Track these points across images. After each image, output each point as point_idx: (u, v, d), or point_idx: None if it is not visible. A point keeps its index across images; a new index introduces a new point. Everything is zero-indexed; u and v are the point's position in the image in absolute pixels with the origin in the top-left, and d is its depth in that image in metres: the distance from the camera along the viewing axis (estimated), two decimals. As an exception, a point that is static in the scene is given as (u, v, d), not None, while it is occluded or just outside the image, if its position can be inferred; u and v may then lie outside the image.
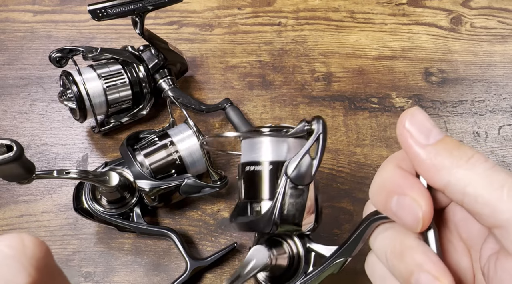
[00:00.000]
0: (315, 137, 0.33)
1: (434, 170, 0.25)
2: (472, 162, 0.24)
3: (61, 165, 0.58)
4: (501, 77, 0.68)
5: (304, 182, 0.33)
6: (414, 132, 0.26)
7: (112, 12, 0.51)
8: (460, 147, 0.25)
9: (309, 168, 0.33)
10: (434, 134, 0.26)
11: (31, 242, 0.20)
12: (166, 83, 0.60)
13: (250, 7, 0.74)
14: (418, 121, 0.26)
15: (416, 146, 0.26)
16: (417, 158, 0.26)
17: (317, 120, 0.33)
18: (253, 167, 0.36)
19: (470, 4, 0.75)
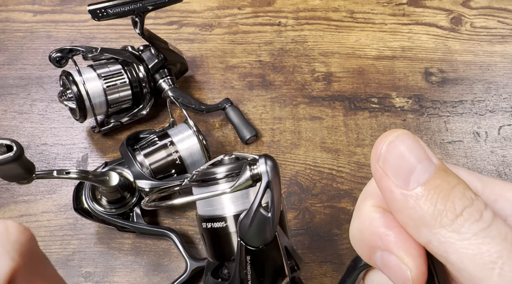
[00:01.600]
0: (264, 187, 0.26)
1: (412, 226, 0.20)
2: (461, 222, 0.19)
3: (61, 165, 0.58)
4: (501, 77, 0.68)
5: (265, 241, 0.27)
6: (390, 172, 0.20)
7: (112, 12, 0.51)
8: (449, 196, 0.19)
9: (266, 225, 0.27)
10: (416, 175, 0.19)
11: (14, 228, 0.20)
12: (166, 83, 0.60)
13: (250, 7, 0.74)
14: (397, 154, 0.20)
15: (392, 191, 0.20)
16: (392, 206, 0.20)
17: (263, 161, 0.27)
18: (217, 223, 0.30)
19: (470, 4, 0.75)
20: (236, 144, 0.60)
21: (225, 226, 0.29)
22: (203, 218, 0.31)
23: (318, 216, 0.55)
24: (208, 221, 0.30)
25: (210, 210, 0.30)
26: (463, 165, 0.60)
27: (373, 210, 0.21)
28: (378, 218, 0.21)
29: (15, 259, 0.18)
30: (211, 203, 0.30)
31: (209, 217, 0.30)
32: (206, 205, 0.31)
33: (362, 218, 0.22)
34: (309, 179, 0.58)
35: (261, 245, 0.27)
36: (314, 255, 0.53)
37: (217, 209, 0.30)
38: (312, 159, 0.59)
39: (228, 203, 0.30)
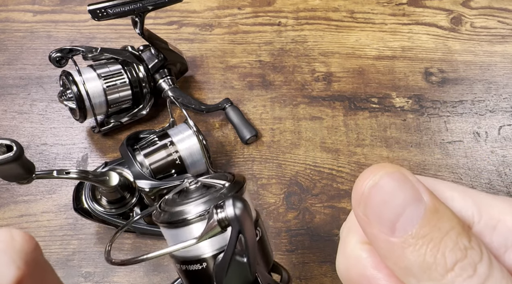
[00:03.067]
0: (234, 237, 0.24)
1: (399, 274, 0.18)
2: (451, 279, 0.16)
3: (61, 165, 0.58)
4: (501, 77, 0.67)
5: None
6: (373, 219, 0.17)
7: (112, 12, 0.51)
8: (440, 246, 0.17)
9: (243, 269, 0.25)
10: (404, 221, 0.17)
11: (20, 236, 0.20)
12: (166, 83, 0.60)
13: (250, 7, 0.74)
14: (380, 199, 0.17)
15: (377, 238, 0.18)
16: (378, 252, 0.18)
17: (231, 205, 0.24)
18: (196, 265, 0.27)
19: (470, 4, 0.75)
20: (236, 144, 0.60)
21: (204, 268, 0.27)
22: (178, 260, 0.28)
23: (318, 216, 0.55)
24: (183, 263, 0.27)
25: (184, 251, 0.27)
26: (463, 165, 0.60)
27: (359, 247, 0.19)
28: (366, 258, 0.19)
29: (20, 268, 0.18)
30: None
31: (183, 259, 0.28)
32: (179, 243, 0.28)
33: (347, 256, 0.20)
34: (309, 179, 0.58)
35: None
36: (314, 255, 0.53)
37: (193, 250, 0.27)
38: (312, 159, 0.59)
39: (205, 242, 0.26)
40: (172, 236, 0.29)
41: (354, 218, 0.19)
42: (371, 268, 0.19)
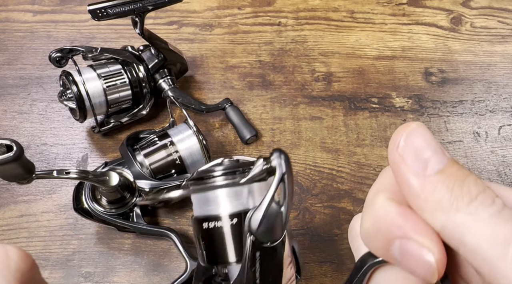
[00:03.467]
0: (279, 179, 0.26)
1: (428, 210, 0.20)
2: (476, 206, 0.20)
3: (61, 165, 0.58)
4: (501, 77, 0.67)
5: (275, 238, 0.27)
6: (409, 158, 0.21)
7: (112, 12, 0.51)
8: (464, 182, 0.20)
9: (277, 219, 0.26)
10: (434, 162, 0.21)
11: (15, 255, 0.19)
12: (166, 83, 0.60)
13: (250, 7, 0.74)
14: (416, 142, 0.21)
15: (410, 177, 0.21)
16: (409, 192, 0.21)
17: (277, 155, 0.27)
18: (212, 223, 0.29)
19: (470, 4, 0.75)
20: (236, 144, 0.60)
21: (220, 226, 0.28)
22: (199, 219, 0.30)
23: (318, 216, 0.55)
24: (204, 220, 0.29)
25: (206, 210, 0.29)
26: (463, 165, 0.60)
27: (388, 203, 0.22)
28: (394, 209, 0.21)
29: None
30: (208, 202, 0.30)
31: (204, 217, 0.29)
32: (202, 205, 0.30)
33: (376, 211, 0.22)
34: (309, 179, 0.58)
35: (271, 241, 0.27)
36: (314, 255, 0.53)
37: (213, 209, 0.29)
38: (312, 159, 0.59)
39: (225, 202, 0.29)
40: (200, 200, 0.30)
41: (381, 182, 0.23)
42: (400, 216, 0.21)
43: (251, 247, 0.26)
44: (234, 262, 0.28)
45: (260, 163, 0.28)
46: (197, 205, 0.31)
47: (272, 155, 0.27)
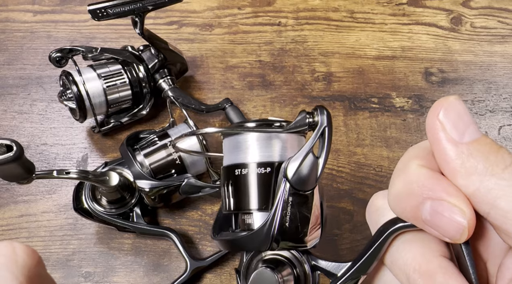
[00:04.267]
0: (319, 131, 0.28)
1: (463, 174, 0.21)
2: (510, 172, 0.21)
3: (61, 165, 0.58)
4: (501, 77, 0.68)
5: (308, 187, 0.28)
6: (448, 126, 0.22)
7: (112, 12, 0.51)
8: (499, 151, 0.22)
9: (313, 170, 0.28)
10: (470, 132, 0.22)
11: (22, 251, 0.19)
12: (166, 83, 0.60)
13: (250, 7, 0.74)
14: (455, 112, 0.22)
15: (447, 142, 0.22)
16: (445, 157, 0.22)
17: (320, 110, 0.29)
18: (242, 170, 0.30)
19: (470, 4, 0.75)
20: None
21: (246, 173, 0.30)
22: (232, 166, 0.31)
23: (318, 216, 0.55)
24: (238, 167, 0.30)
25: (240, 158, 0.30)
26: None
27: (420, 168, 0.23)
28: (427, 172, 0.23)
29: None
30: (241, 150, 0.30)
31: (237, 163, 0.30)
32: (237, 152, 0.31)
33: (409, 174, 0.23)
34: (309, 179, 0.58)
35: (304, 189, 0.28)
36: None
37: (246, 157, 0.30)
38: (312, 159, 0.59)
39: (257, 151, 0.30)
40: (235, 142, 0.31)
41: (414, 151, 0.25)
42: (433, 179, 0.22)
43: (285, 192, 0.27)
44: (258, 210, 0.30)
45: (304, 115, 0.29)
46: (228, 153, 0.31)
47: (316, 110, 0.29)
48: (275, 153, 0.30)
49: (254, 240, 0.28)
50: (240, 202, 0.30)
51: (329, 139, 0.29)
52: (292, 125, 0.30)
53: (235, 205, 0.30)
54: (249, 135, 0.30)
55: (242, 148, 0.30)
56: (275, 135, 0.30)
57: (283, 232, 0.28)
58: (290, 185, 0.28)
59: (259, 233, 0.28)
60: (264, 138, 0.30)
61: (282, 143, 0.30)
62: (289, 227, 0.28)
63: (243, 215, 0.30)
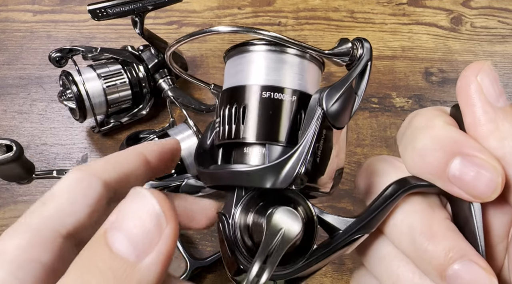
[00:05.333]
0: (363, 63, 0.26)
1: (496, 136, 0.21)
2: None
3: (61, 165, 0.58)
4: (501, 77, 0.67)
5: (343, 123, 0.25)
6: (486, 88, 0.22)
7: (112, 12, 0.51)
8: None
9: (350, 105, 0.26)
10: (504, 97, 0.22)
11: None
12: (166, 83, 0.60)
13: (250, 7, 0.74)
14: (492, 76, 0.22)
15: (485, 104, 0.22)
16: (480, 119, 0.22)
17: (363, 42, 0.27)
18: (275, 93, 0.26)
19: (471, 4, 0.75)
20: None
21: (284, 100, 0.26)
22: (264, 87, 0.26)
23: (318, 216, 0.55)
24: (268, 89, 0.26)
25: (273, 80, 0.26)
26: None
27: (448, 126, 0.23)
28: (456, 130, 0.23)
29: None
30: (244, 70, 0.27)
31: (270, 85, 0.26)
32: (236, 73, 0.27)
33: (437, 130, 0.23)
34: (309, 179, 0.58)
35: (339, 125, 0.25)
36: (314, 255, 0.53)
37: (281, 81, 0.26)
38: (312, 159, 0.59)
39: (263, 73, 0.26)
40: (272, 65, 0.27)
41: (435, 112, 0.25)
42: (463, 135, 0.22)
43: (321, 124, 0.24)
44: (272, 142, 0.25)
45: (349, 44, 0.27)
46: (264, 70, 0.27)
47: (360, 42, 0.27)
48: (289, 78, 0.26)
49: (272, 173, 0.23)
50: (247, 130, 0.25)
51: (368, 75, 0.27)
52: (336, 51, 0.27)
53: (244, 133, 0.25)
54: (264, 55, 0.27)
55: (248, 70, 0.27)
56: (293, 59, 0.27)
57: (312, 168, 0.24)
58: (325, 117, 0.24)
59: (281, 165, 0.23)
60: (278, 60, 0.27)
61: (300, 70, 0.27)
62: (320, 163, 0.24)
63: (246, 148, 0.25)
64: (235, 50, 0.28)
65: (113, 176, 0.25)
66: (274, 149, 0.25)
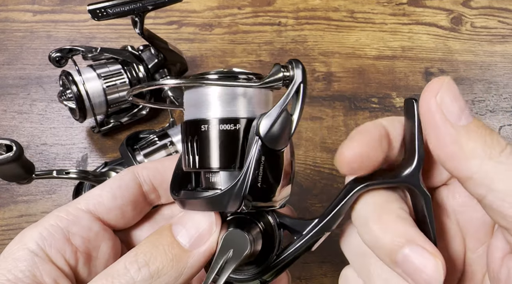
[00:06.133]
0: (294, 86, 0.27)
1: (462, 157, 0.21)
2: (506, 155, 0.21)
3: (61, 165, 0.58)
4: (502, 77, 0.67)
5: (281, 145, 0.27)
6: (446, 107, 0.22)
7: (112, 12, 0.51)
8: (493, 134, 0.22)
9: (287, 127, 0.27)
10: (466, 115, 0.22)
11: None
12: (166, 83, 0.60)
13: (250, 7, 0.74)
14: (452, 95, 0.22)
15: (445, 125, 0.22)
16: (443, 140, 0.22)
17: (295, 64, 0.27)
18: (203, 126, 0.28)
19: (471, 4, 0.75)
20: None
21: (238, 129, 0.27)
22: (189, 122, 0.29)
23: (318, 216, 0.55)
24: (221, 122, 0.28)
25: (196, 113, 0.28)
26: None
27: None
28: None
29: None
30: (198, 103, 0.28)
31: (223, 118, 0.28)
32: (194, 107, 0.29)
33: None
34: (309, 179, 0.58)
35: (278, 148, 0.27)
36: (314, 255, 0.53)
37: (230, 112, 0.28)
38: (312, 159, 0.59)
39: (217, 106, 0.28)
40: (198, 96, 0.29)
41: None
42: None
43: (258, 151, 0.26)
44: (223, 169, 0.27)
45: (278, 68, 0.27)
46: (192, 107, 0.29)
47: (291, 64, 0.27)
48: (241, 109, 0.28)
49: (224, 199, 0.26)
50: (204, 160, 0.28)
51: (303, 96, 0.27)
52: (266, 79, 0.27)
53: (199, 163, 0.28)
54: (210, 89, 0.28)
55: (202, 104, 0.28)
56: (242, 89, 0.28)
57: (255, 192, 0.26)
58: (262, 143, 0.26)
59: (229, 192, 0.26)
60: (226, 92, 0.27)
61: (249, 98, 0.28)
62: (261, 187, 0.26)
63: (207, 174, 0.28)
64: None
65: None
66: (230, 175, 0.27)
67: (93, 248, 0.27)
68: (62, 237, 0.26)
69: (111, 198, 0.28)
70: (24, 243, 0.25)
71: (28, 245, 0.25)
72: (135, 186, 0.29)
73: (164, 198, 0.31)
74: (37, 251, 0.25)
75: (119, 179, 0.29)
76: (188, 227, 0.25)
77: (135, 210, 0.30)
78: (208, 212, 0.26)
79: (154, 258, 0.24)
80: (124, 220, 0.29)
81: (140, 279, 0.23)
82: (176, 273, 0.24)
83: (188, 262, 0.24)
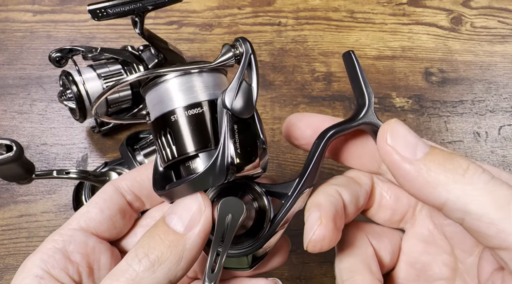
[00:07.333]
0: (246, 59, 0.30)
1: (428, 188, 0.22)
2: (470, 175, 0.22)
3: (61, 165, 0.58)
4: (502, 77, 0.67)
5: (248, 113, 0.29)
6: (399, 147, 0.23)
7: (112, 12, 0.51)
8: (453, 158, 0.22)
9: (249, 95, 0.30)
10: (420, 147, 0.23)
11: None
12: (166, 83, 0.60)
13: (250, 7, 0.74)
14: (401, 134, 0.24)
15: (404, 163, 0.23)
16: (407, 177, 0.23)
17: (242, 41, 0.30)
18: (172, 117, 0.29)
19: (471, 4, 0.75)
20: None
21: (177, 119, 0.29)
22: (159, 118, 0.30)
23: (318, 216, 0.55)
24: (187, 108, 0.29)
25: (161, 109, 0.30)
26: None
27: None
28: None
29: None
30: (162, 100, 0.30)
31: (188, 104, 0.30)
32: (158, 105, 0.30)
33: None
34: (309, 179, 0.58)
35: (246, 116, 0.29)
36: (314, 255, 0.53)
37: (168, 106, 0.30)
38: (312, 159, 0.59)
39: (179, 97, 0.30)
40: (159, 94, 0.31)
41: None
42: None
43: (229, 121, 0.28)
44: (200, 150, 0.29)
45: (228, 47, 0.30)
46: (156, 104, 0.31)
47: (238, 41, 0.30)
48: (200, 93, 0.30)
49: (209, 175, 0.28)
50: (181, 147, 0.29)
51: (256, 65, 0.30)
52: (219, 58, 0.30)
53: (177, 151, 0.29)
54: (169, 83, 0.30)
55: (166, 98, 0.30)
56: (196, 77, 0.30)
57: (238, 158, 0.28)
58: (231, 113, 0.28)
59: (213, 166, 0.27)
60: (185, 82, 0.30)
61: (205, 83, 0.30)
62: (242, 152, 0.28)
63: (187, 162, 0.30)
64: (148, 85, 0.31)
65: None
66: (208, 154, 0.29)
67: (93, 261, 0.29)
68: (62, 257, 0.28)
69: (99, 211, 0.30)
70: (29, 271, 0.26)
71: (32, 271, 0.26)
72: (119, 196, 0.31)
73: (148, 204, 0.33)
74: (42, 274, 0.26)
75: (103, 193, 0.31)
76: (180, 213, 0.26)
77: (125, 218, 0.31)
78: (195, 195, 0.27)
79: (152, 248, 0.25)
80: (116, 230, 0.31)
81: (142, 269, 0.24)
82: (176, 257, 0.25)
83: (185, 245, 0.25)
